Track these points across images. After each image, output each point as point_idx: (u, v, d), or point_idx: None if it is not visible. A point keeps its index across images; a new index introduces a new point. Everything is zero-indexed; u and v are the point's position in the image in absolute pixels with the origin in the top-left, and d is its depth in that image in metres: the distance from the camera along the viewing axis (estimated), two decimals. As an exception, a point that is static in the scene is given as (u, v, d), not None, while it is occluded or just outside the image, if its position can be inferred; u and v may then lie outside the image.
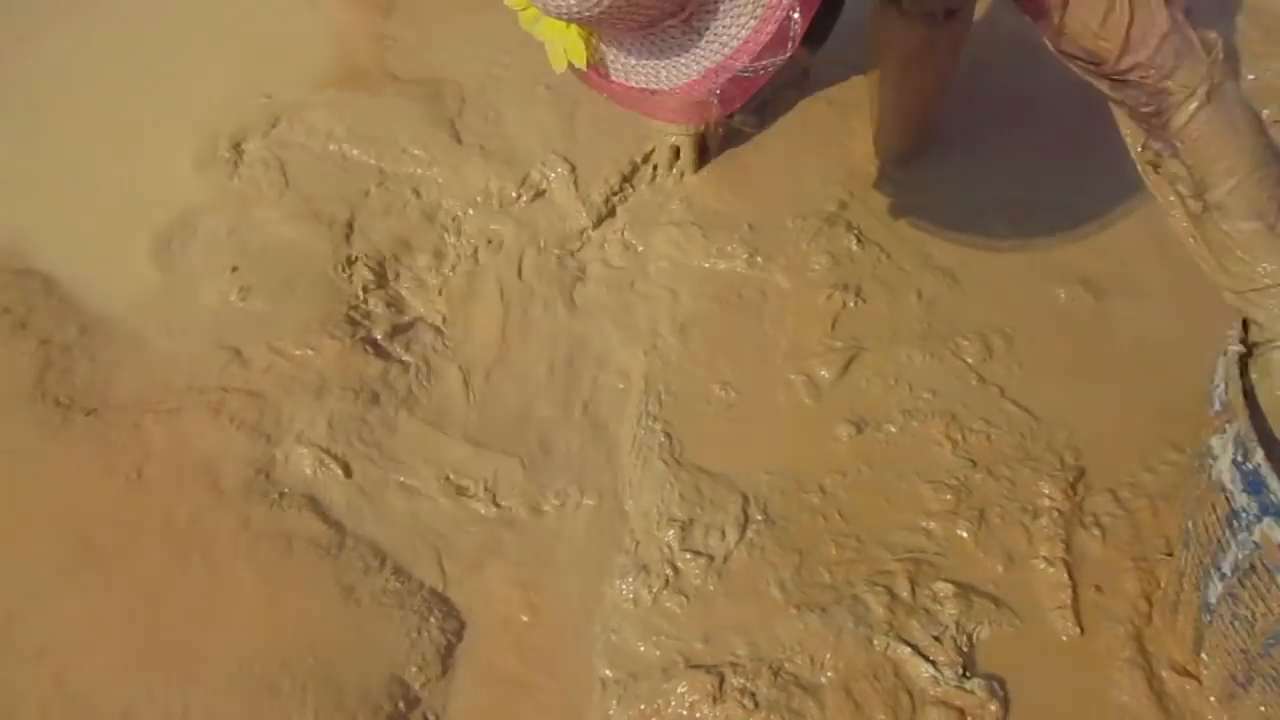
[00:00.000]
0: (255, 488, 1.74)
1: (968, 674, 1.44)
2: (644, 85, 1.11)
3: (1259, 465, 1.05)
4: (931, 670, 1.45)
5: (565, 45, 1.10)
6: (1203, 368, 1.59)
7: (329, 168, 2.23)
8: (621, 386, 1.85)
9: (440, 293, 2.02)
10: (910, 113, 2.00)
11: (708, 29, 1.03)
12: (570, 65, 1.11)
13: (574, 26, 1.07)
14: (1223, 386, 1.13)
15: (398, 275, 2.05)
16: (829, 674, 1.47)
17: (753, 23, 1.00)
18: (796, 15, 0.98)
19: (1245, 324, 1.20)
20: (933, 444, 1.70)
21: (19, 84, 2.49)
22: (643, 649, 1.55)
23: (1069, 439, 1.67)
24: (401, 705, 1.52)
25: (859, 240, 1.96)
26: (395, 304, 2.01)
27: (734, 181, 1.93)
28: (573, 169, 2.15)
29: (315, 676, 1.54)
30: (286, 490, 1.74)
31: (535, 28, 1.11)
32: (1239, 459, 1.09)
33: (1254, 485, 1.07)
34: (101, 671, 1.56)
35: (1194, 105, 1.22)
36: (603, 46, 1.12)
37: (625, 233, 2.06)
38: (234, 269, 2.06)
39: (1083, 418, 1.70)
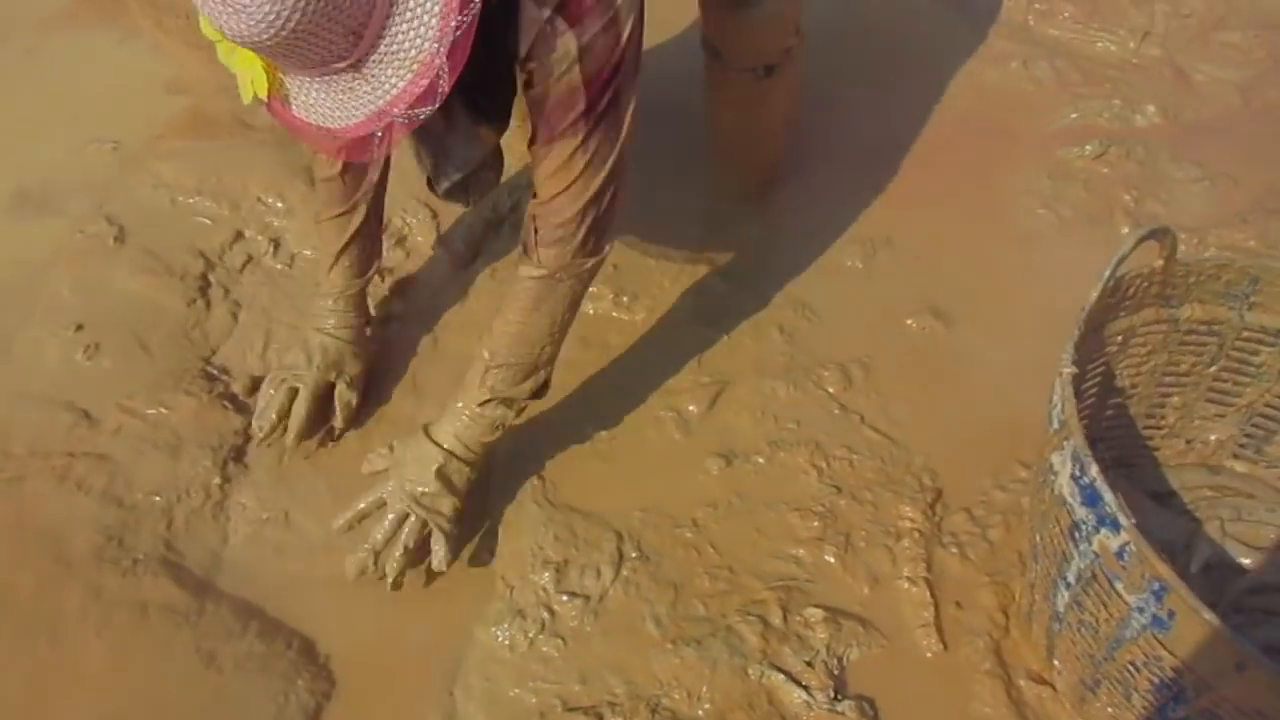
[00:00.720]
0: (106, 555, 1.65)
1: (839, 696, 1.47)
2: (319, 123, 1.25)
3: (1094, 479, 1.12)
4: (804, 695, 1.47)
5: (252, 78, 1.22)
6: (1044, 390, 1.70)
7: (179, 219, 2.16)
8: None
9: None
10: (749, 156, 2.07)
11: (372, 76, 1.19)
12: (255, 96, 1.23)
13: (260, 60, 1.19)
14: (1059, 406, 1.20)
15: (257, 327, 1.99)
16: (705, 706, 1.48)
17: (409, 75, 1.17)
18: (444, 72, 1.16)
19: (1075, 347, 1.27)
20: (799, 472, 1.74)
21: None
22: (519, 694, 1.53)
23: (926, 461, 1.74)
24: (270, 774, 1.46)
25: (722, 277, 2.01)
26: (254, 357, 1.95)
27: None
28: (434, 215, 2.14)
29: (175, 751, 1.47)
30: (141, 556, 1.66)
31: (230, 60, 1.23)
32: (1077, 473, 1.15)
33: (1090, 498, 1.13)
34: (-65, 763, 1.45)
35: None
36: (286, 82, 1.24)
37: (491, 279, 2.05)
38: (79, 327, 1.97)
39: (938, 441, 1.77)
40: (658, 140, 2.22)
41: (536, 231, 1.51)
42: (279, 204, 2.18)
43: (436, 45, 1.15)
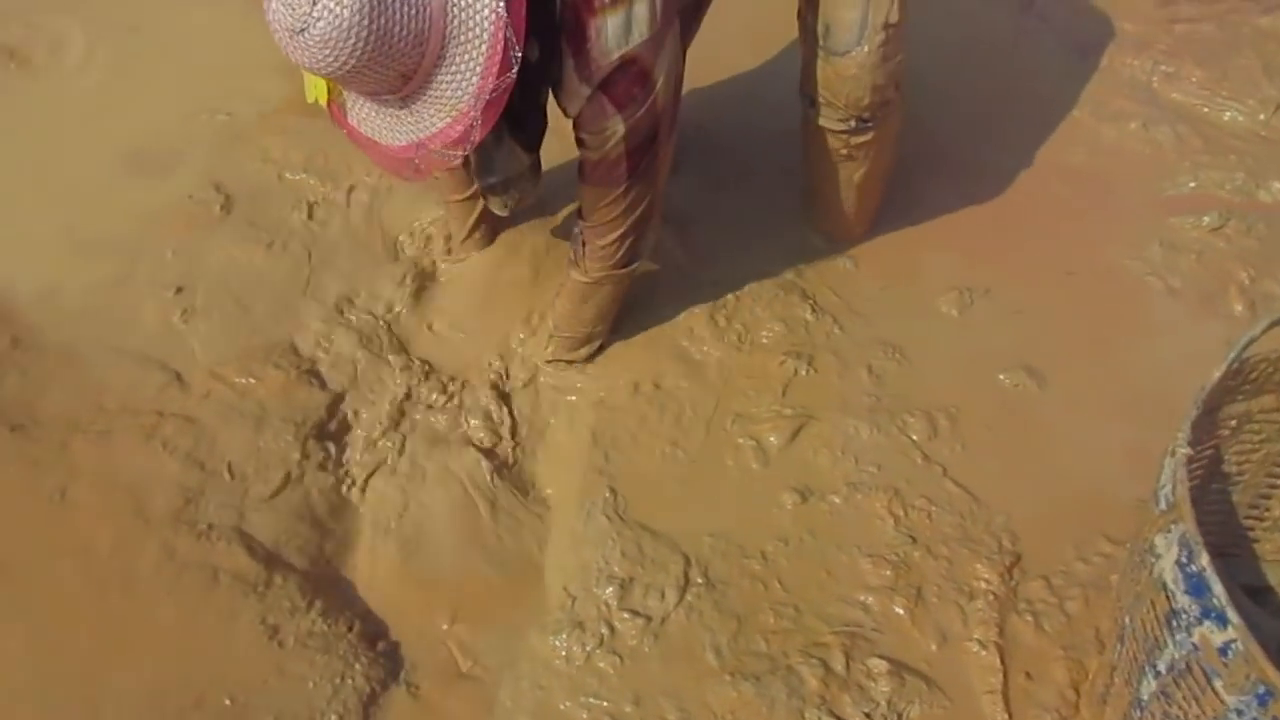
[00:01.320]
0: (184, 517, 1.68)
1: (897, 754, 1.44)
2: (369, 135, 1.41)
3: (1204, 569, 1.08)
4: (861, 748, 1.44)
5: (314, 84, 1.37)
6: (1136, 462, 1.65)
7: (283, 194, 2.20)
8: (569, 439, 1.84)
9: (392, 328, 1.99)
10: (842, 204, 2.04)
11: (417, 111, 1.33)
12: (317, 99, 1.40)
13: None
14: (1169, 487, 1.15)
15: (351, 305, 2.01)
16: (759, 745, 1.46)
17: (447, 119, 1.32)
18: (478, 124, 1.30)
19: (1192, 427, 1.23)
20: (875, 518, 1.71)
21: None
22: (570, 707, 1.53)
23: (1007, 523, 1.70)
24: (319, 754, 1.47)
25: (813, 310, 1.99)
26: (344, 336, 1.97)
27: (696, 244, 1.94)
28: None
29: (229, 718, 1.48)
30: (217, 522, 1.68)
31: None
32: (1183, 560, 1.11)
33: (1197, 588, 1.08)
34: (7, 699, 1.49)
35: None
36: (345, 95, 1.40)
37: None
38: (178, 289, 2.02)
39: (1021, 503, 1.72)
40: (755, 169, 2.23)
41: (584, 245, 1.73)
42: (380, 186, 2.20)
43: (474, 100, 1.29)
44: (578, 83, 1.42)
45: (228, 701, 1.50)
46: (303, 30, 1.20)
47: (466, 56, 1.26)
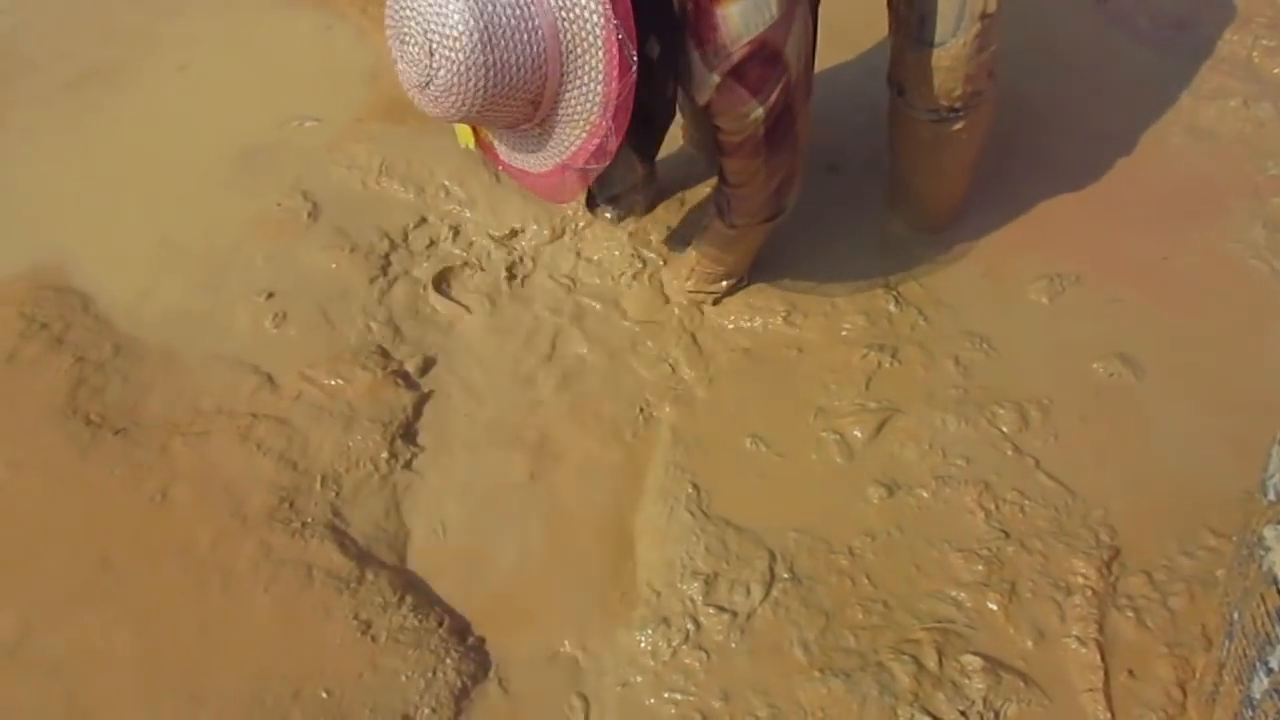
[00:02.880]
0: (279, 515, 1.73)
1: (994, 752, 1.41)
2: (520, 167, 1.46)
3: (1313, 558, 1.03)
4: (957, 746, 1.41)
5: (461, 131, 1.45)
6: (1241, 453, 1.59)
7: (369, 200, 2.24)
8: (650, 435, 1.84)
9: (473, 330, 2.02)
10: (927, 193, 2.00)
11: (555, 133, 1.36)
12: (468, 146, 1.47)
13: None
14: (1278, 476, 1.10)
15: (433, 310, 2.05)
16: (851, 743, 1.44)
17: (584, 135, 1.34)
18: (612, 132, 1.32)
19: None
20: (965, 512, 1.67)
21: (65, 104, 2.53)
22: (655, 703, 1.52)
23: (1104, 516, 1.64)
24: (412, 747, 1.50)
25: (896, 301, 1.95)
26: (428, 338, 2.00)
27: (777, 236, 1.92)
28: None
29: (327, 711, 1.52)
30: (310, 520, 1.73)
31: None
32: (1292, 551, 1.06)
33: (1308, 579, 1.04)
34: (113, 692, 1.54)
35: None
36: (491, 132, 1.45)
37: (662, 281, 2.05)
38: (269, 295, 2.07)
39: (1119, 496, 1.67)
40: (839, 161, 2.19)
41: (729, 204, 1.75)
42: (462, 192, 2.23)
43: (602, 109, 1.30)
44: (706, 72, 1.41)
45: (324, 695, 1.53)
46: (428, 83, 1.25)
47: (586, 68, 1.27)
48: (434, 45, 1.22)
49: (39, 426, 1.84)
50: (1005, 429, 1.76)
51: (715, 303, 1.98)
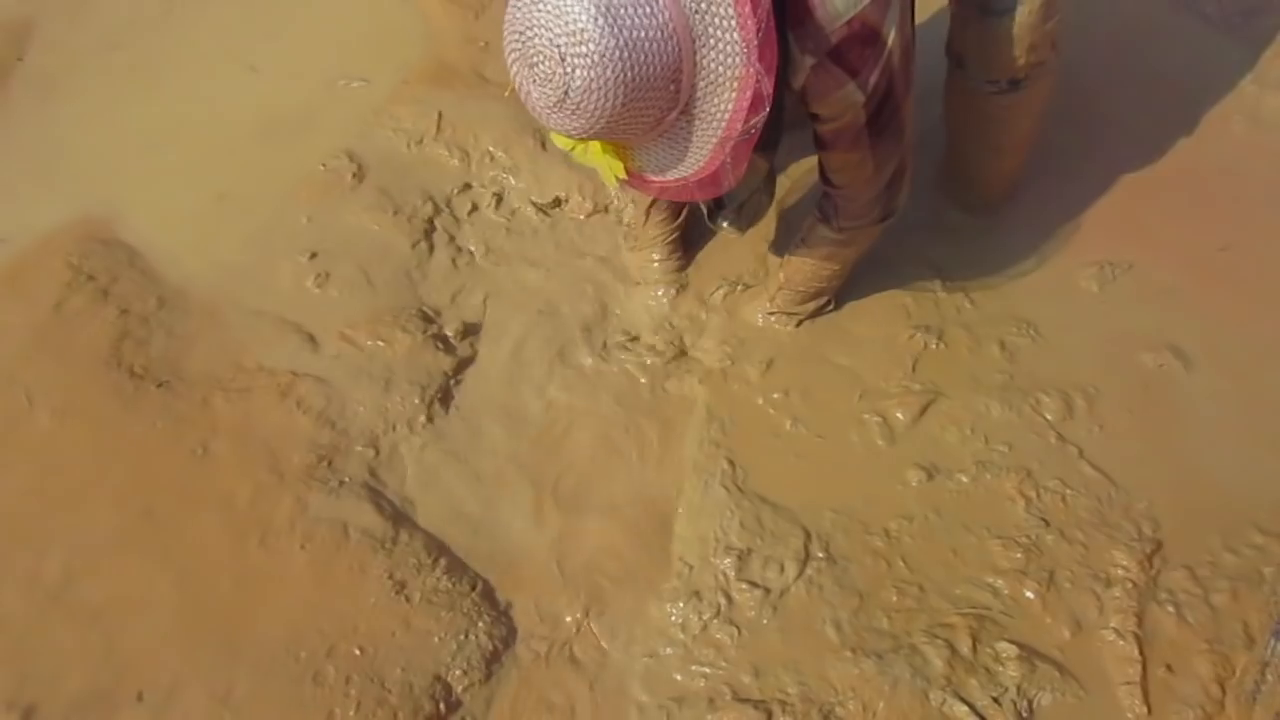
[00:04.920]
0: (316, 474, 1.74)
1: (1026, 741, 1.40)
2: (678, 177, 1.34)
3: (1369, 559, 1.00)
4: (988, 733, 1.40)
5: (608, 164, 1.32)
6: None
7: (413, 163, 2.24)
8: (689, 411, 1.83)
9: (513, 297, 2.01)
10: (985, 170, 1.96)
11: (701, 112, 1.25)
12: (618, 179, 1.34)
13: (608, 147, 1.29)
14: (1337, 473, 1.08)
15: (475, 275, 2.04)
16: (880, 724, 1.44)
17: (734, 94, 1.22)
18: (764, 77, 1.19)
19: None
20: (1005, 499, 1.65)
21: (116, 61, 2.54)
22: (684, 678, 1.53)
23: (1148, 509, 1.62)
24: (442, 707, 1.51)
25: (944, 283, 1.92)
26: (469, 303, 2.00)
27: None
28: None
29: (360, 669, 1.54)
30: (347, 479, 1.74)
31: (584, 159, 1.33)
32: (1346, 550, 1.04)
33: (1361, 579, 1.01)
34: (151, 639, 1.57)
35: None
36: (636, 155, 1.33)
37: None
38: (313, 255, 2.08)
39: (1163, 489, 1.64)
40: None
41: (836, 207, 1.66)
42: (507, 159, 2.22)
43: (746, 55, 1.19)
44: (800, 55, 1.32)
45: (357, 652, 1.55)
46: (565, 93, 1.18)
47: (717, 20, 1.19)
48: (563, 49, 1.15)
49: (84, 377, 1.86)
50: (1049, 416, 1.74)
51: (798, 325, 1.90)
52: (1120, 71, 2.23)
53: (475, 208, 2.16)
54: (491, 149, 2.24)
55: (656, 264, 1.98)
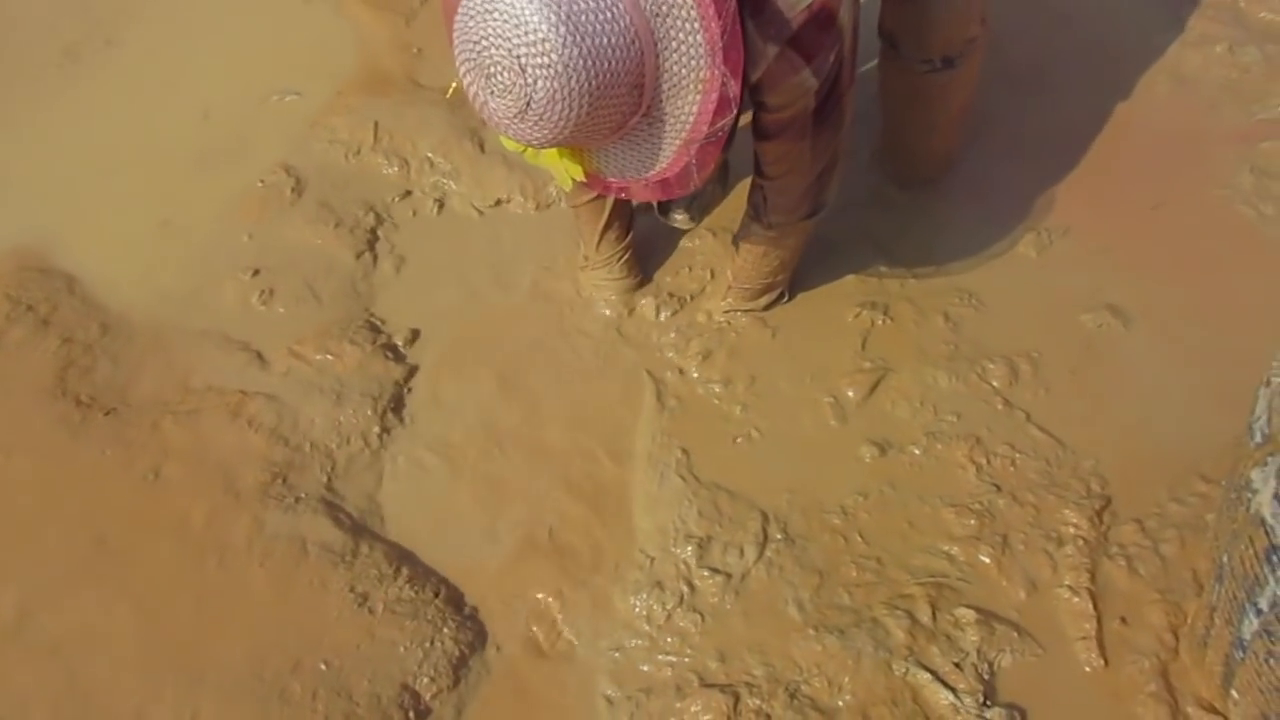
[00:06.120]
0: (272, 491, 1.73)
1: (988, 702, 1.42)
2: (638, 178, 1.32)
3: (1300, 498, 1.03)
4: (951, 697, 1.42)
5: (565, 167, 1.31)
6: (1231, 398, 1.59)
7: (352, 174, 2.23)
8: (640, 402, 1.84)
9: (459, 302, 2.01)
10: (920, 146, 1.99)
11: (666, 115, 1.23)
12: (574, 180, 1.33)
13: (564, 150, 1.28)
14: (1264, 419, 1.11)
15: (421, 282, 2.04)
16: (846, 698, 1.45)
17: (698, 98, 1.20)
18: (729, 80, 1.18)
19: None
20: (956, 468, 1.68)
21: (44, 84, 2.50)
22: (651, 668, 1.54)
23: (1095, 467, 1.65)
24: (412, 716, 1.51)
25: (887, 260, 1.94)
26: (416, 311, 2.00)
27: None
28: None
29: (326, 683, 1.53)
30: (303, 495, 1.73)
31: (536, 160, 1.32)
32: (1280, 492, 1.07)
33: (1294, 519, 1.04)
34: (113, 670, 1.55)
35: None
36: (594, 156, 1.31)
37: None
38: (255, 272, 2.06)
39: (1109, 446, 1.67)
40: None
41: (766, 200, 1.64)
42: (446, 164, 2.21)
43: (710, 57, 1.17)
44: (762, 43, 1.28)
45: (323, 666, 1.54)
46: (527, 104, 1.14)
47: (679, 23, 1.16)
48: (523, 60, 1.11)
49: (29, 409, 1.84)
50: (996, 383, 1.77)
51: (751, 316, 1.90)
52: (1048, 41, 2.26)
53: (416, 214, 2.16)
54: (430, 155, 2.23)
55: (610, 281, 1.95)
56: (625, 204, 1.87)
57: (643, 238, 2.02)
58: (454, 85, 1.26)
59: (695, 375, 1.84)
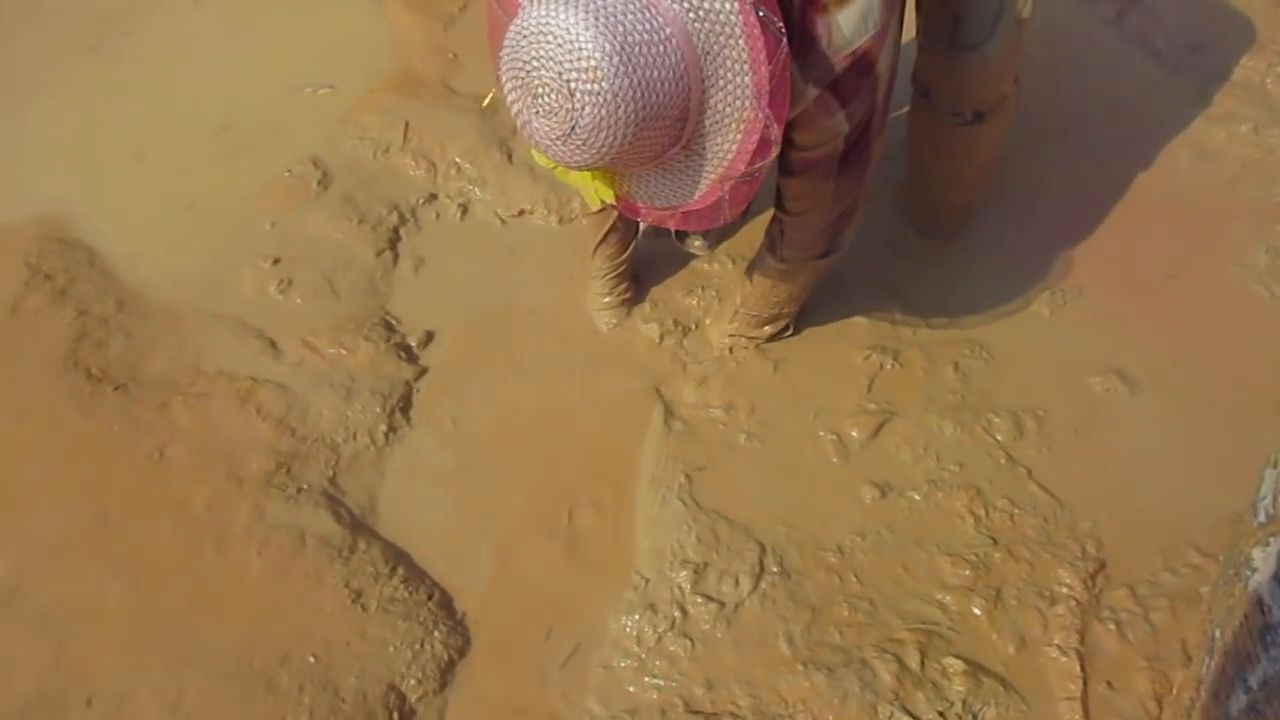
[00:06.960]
0: (275, 481, 1.74)
1: (970, 754, 1.43)
2: (666, 206, 1.32)
3: (1300, 581, 1.05)
4: (934, 746, 1.43)
5: (595, 189, 1.31)
6: (1230, 474, 1.61)
7: (379, 172, 2.24)
8: (647, 426, 1.85)
9: (476, 308, 2.03)
10: (944, 197, 2.01)
11: (705, 149, 1.23)
12: (603, 201, 1.34)
13: (598, 172, 1.28)
14: (1270, 499, 1.12)
15: (438, 285, 2.05)
16: (830, 737, 1.46)
17: (739, 137, 1.20)
18: (772, 123, 1.17)
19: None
20: (955, 517, 1.69)
21: (81, 66, 2.52)
22: (638, 690, 1.54)
23: (1092, 529, 1.66)
24: (396, 716, 1.51)
25: (900, 306, 1.96)
26: (432, 313, 2.01)
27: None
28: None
29: (314, 677, 1.53)
30: (306, 486, 1.74)
31: (568, 178, 1.34)
32: None
33: (1291, 601, 1.06)
34: (102, 646, 1.55)
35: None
36: (625, 179, 1.31)
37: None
38: (275, 261, 2.07)
39: (1107, 510, 1.69)
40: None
41: (782, 234, 1.65)
42: (473, 170, 2.23)
43: (756, 100, 1.16)
44: (803, 84, 1.28)
45: (312, 659, 1.54)
46: (571, 129, 1.14)
47: (729, 63, 1.16)
48: (573, 85, 1.10)
49: (40, 378, 1.85)
50: (1000, 437, 1.78)
51: (757, 347, 1.92)
52: (1075, 104, 2.29)
53: (439, 218, 2.17)
54: (458, 160, 2.25)
55: (596, 295, 1.98)
56: (629, 223, 1.88)
57: (656, 259, 2.04)
58: (490, 95, 1.26)
59: (706, 401, 1.86)
